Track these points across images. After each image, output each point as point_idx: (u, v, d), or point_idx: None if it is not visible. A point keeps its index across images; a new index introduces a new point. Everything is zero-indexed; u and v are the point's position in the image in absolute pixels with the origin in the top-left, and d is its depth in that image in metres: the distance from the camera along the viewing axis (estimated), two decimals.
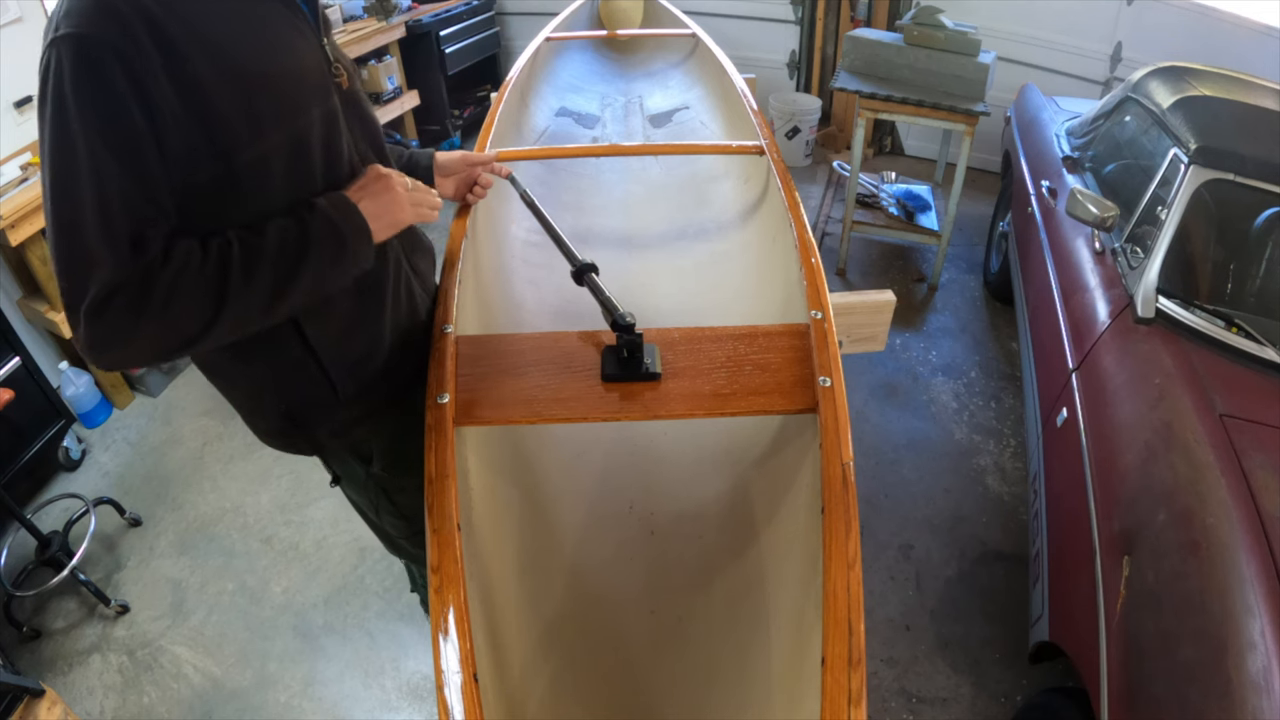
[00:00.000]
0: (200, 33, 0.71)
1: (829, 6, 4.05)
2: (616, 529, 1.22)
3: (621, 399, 1.00)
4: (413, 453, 1.10)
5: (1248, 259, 1.77)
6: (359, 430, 1.07)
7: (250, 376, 0.97)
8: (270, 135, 0.78)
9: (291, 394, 0.98)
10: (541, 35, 2.62)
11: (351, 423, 1.04)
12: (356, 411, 1.03)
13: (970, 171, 3.12)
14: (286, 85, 0.80)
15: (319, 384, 0.97)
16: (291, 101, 0.80)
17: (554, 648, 1.04)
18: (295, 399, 0.99)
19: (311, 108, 0.83)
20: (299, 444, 1.06)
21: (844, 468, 0.91)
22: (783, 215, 1.43)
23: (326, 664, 1.87)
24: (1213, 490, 1.26)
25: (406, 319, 1.06)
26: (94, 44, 0.65)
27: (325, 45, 0.88)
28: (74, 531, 2.16)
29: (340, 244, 0.83)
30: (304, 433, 1.03)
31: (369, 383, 1.02)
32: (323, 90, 0.86)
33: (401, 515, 1.21)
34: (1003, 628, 1.91)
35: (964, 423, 2.56)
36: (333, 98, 0.87)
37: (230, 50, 0.74)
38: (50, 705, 1.49)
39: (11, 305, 2.44)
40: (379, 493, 1.17)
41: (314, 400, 0.99)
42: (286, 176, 0.82)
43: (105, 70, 0.66)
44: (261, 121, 0.77)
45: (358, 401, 1.02)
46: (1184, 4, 3.23)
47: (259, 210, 0.80)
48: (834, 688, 0.73)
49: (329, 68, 0.88)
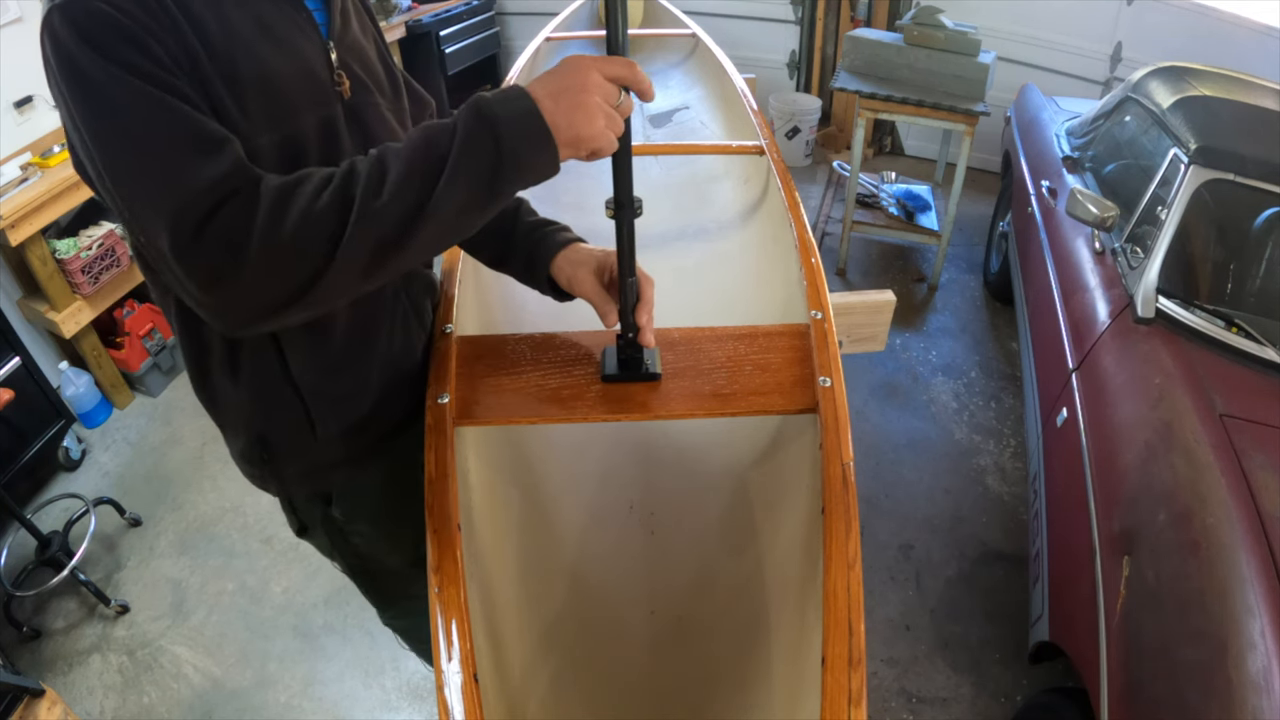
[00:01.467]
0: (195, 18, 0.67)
1: (829, 6, 4.05)
2: (616, 529, 1.22)
3: (621, 399, 1.00)
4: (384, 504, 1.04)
5: (1248, 259, 1.77)
6: (334, 476, 0.97)
7: (232, 396, 0.88)
8: (256, 137, 0.72)
9: (267, 423, 0.90)
10: (541, 35, 2.63)
11: (326, 466, 0.95)
12: (333, 454, 0.94)
13: (970, 171, 3.12)
14: (275, 88, 0.73)
15: (298, 417, 0.89)
16: (280, 106, 0.74)
17: (554, 648, 1.04)
18: (271, 429, 0.90)
19: (303, 115, 0.76)
20: (266, 480, 0.96)
21: (844, 468, 0.91)
22: (783, 215, 1.43)
23: (326, 664, 1.87)
24: (1213, 490, 1.26)
25: (401, 359, 0.97)
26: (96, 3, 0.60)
27: (330, 50, 0.81)
28: (74, 531, 2.16)
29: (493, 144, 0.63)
30: (271, 468, 0.94)
31: (351, 425, 0.93)
32: (319, 98, 0.79)
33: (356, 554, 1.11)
34: (1003, 628, 1.91)
35: (964, 423, 2.56)
36: (333, 106, 0.81)
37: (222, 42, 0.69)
38: (50, 705, 1.49)
39: (11, 305, 2.44)
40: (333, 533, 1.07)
41: (290, 434, 0.90)
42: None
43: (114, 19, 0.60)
44: (249, 121, 0.71)
45: (337, 443, 0.93)
46: (1184, 4, 3.23)
47: None
48: (834, 688, 0.73)
49: (331, 74, 0.81)
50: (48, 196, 2.21)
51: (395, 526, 1.08)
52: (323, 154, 0.80)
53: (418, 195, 0.61)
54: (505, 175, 0.64)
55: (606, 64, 0.67)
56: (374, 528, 1.07)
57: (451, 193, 0.62)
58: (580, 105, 0.65)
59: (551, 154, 0.65)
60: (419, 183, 0.61)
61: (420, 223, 0.62)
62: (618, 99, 0.68)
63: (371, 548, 1.10)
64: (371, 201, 0.61)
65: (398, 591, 1.24)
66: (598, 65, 0.66)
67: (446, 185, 0.61)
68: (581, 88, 0.65)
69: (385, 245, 0.62)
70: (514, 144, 0.63)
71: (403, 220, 0.61)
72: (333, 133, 0.80)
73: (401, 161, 0.62)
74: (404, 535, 1.09)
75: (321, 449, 0.92)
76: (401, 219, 0.61)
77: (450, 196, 0.62)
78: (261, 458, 0.93)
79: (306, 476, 0.96)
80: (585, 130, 0.65)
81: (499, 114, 0.63)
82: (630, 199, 0.89)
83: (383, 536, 1.09)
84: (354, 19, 0.88)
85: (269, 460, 0.93)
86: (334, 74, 0.81)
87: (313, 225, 0.60)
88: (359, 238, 0.60)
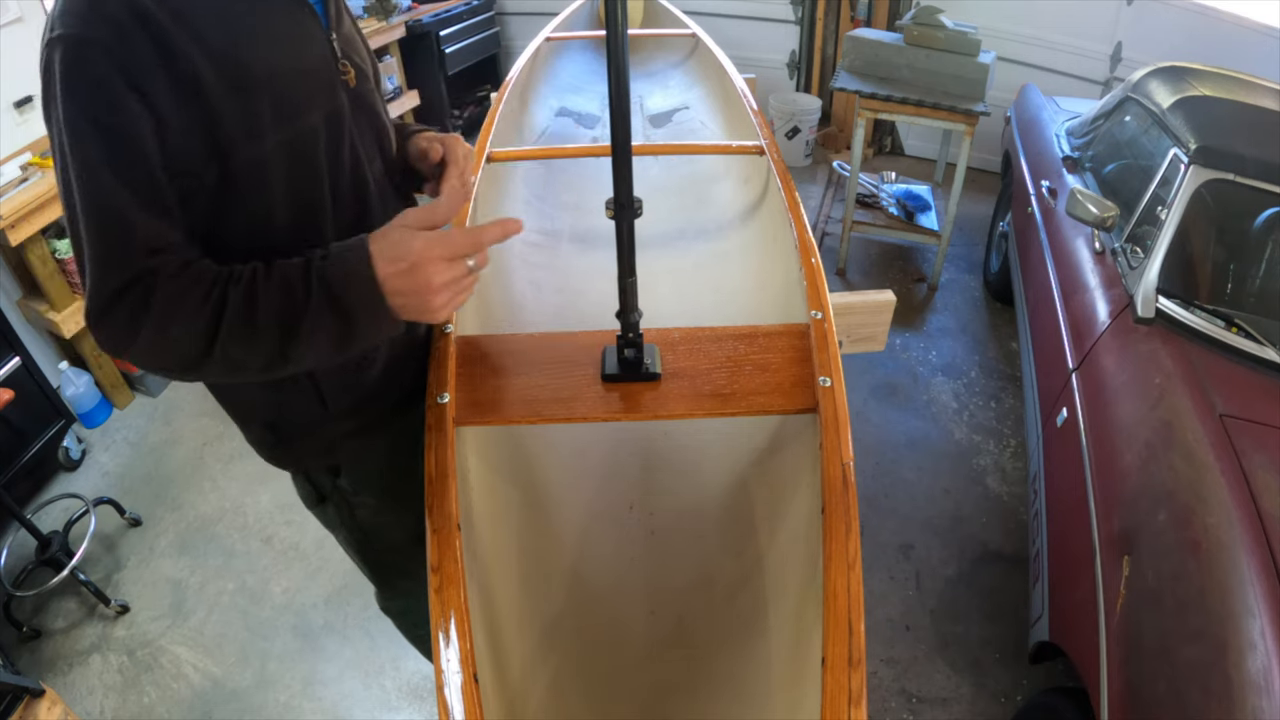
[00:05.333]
0: (196, 29, 0.69)
1: (829, 6, 4.05)
2: (616, 529, 1.22)
3: (621, 399, 1.00)
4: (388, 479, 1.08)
5: (1248, 259, 1.77)
6: (348, 446, 1.01)
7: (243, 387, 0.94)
8: (269, 136, 0.75)
9: (279, 406, 0.94)
10: (541, 35, 2.62)
11: (340, 437, 0.99)
12: (347, 426, 0.98)
13: (970, 171, 3.12)
14: (287, 84, 0.76)
15: (309, 396, 0.93)
16: (292, 102, 0.77)
17: (554, 648, 1.04)
18: (283, 411, 0.95)
19: (314, 108, 0.80)
20: (281, 458, 1.02)
21: (844, 468, 0.91)
22: (783, 215, 1.43)
23: (326, 664, 1.87)
24: (1213, 490, 1.26)
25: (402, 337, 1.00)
26: (87, 45, 0.64)
27: (333, 40, 0.83)
28: (74, 531, 2.16)
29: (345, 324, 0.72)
30: (286, 447, 0.99)
31: (363, 395, 0.97)
32: (328, 89, 0.82)
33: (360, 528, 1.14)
34: (1003, 628, 1.91)
35: (964, 423, 2.56)
36: (339, 96, 0.83)
37: (227, 47, 0.71)
38: (50, 705, 1.49)
39: (11, 305, 2.44)
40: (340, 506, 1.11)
41: (302, 414, 0.95)
42: (286, 180, 0.79)
43: (98, 72, 0.65)
44: (260, 121, 0.74)
45: (350, 415, 0.97)
46: (1184, 4, 3.23)
47: (260, 211, 0.78)
48: (834, 688, 0.73)
49: (336, 64, 0.83)
50: (48, 196, 2.21)
51: (398, 500, 1.12)
52: (330, 145, 0.82)
53: (278, 346, 0.71)
54: (352, 345, 0.74)
55: (450, 246, 0.72)
56: (379, 499, 1.11)
57: (305, 350, 0.72)
58: (422, 291, 0.72)
59: (395, 326, 0.74)
60: (276, 335, 0.70)
61: (280, 366, 0.73)
62: (466, 269, 0.74)
63: (376, 519, 1.13)
64: (237, 339, 0.70)
65: (396, 570, 1.26)
66: (443, 248, 0.72)
67: (301, 344, 0.71)
68: (425, 282, 0.71)
69: (248, 371, 0.74)
70: (361, 325, 0.72)
71: (265, 364, 0.73)
72: (338, 122, 0.83)
73: (261, 311, 0.70)
74: (406, 509, 1.12)
75: (333, 422, 0.97)
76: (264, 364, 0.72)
77: (304, 353, 0.73)
78: (276, 439, 0.98)
79: (319, 450, 1.01)
80: (427, 311, 0.73)
81: (346, 300, 0.70)
82: (630, 199, 0.90)
83: (387, 509, 1.12)
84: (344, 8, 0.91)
85: (281, 441, 0.98)
86: (339, 64, 0.84)
87: (190, 339, 0.70)
88: (224, 362, 0.71)
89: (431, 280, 0.71)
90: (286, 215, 0.80)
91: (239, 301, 0.70)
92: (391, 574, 1.28)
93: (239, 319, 0.70)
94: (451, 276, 0.73)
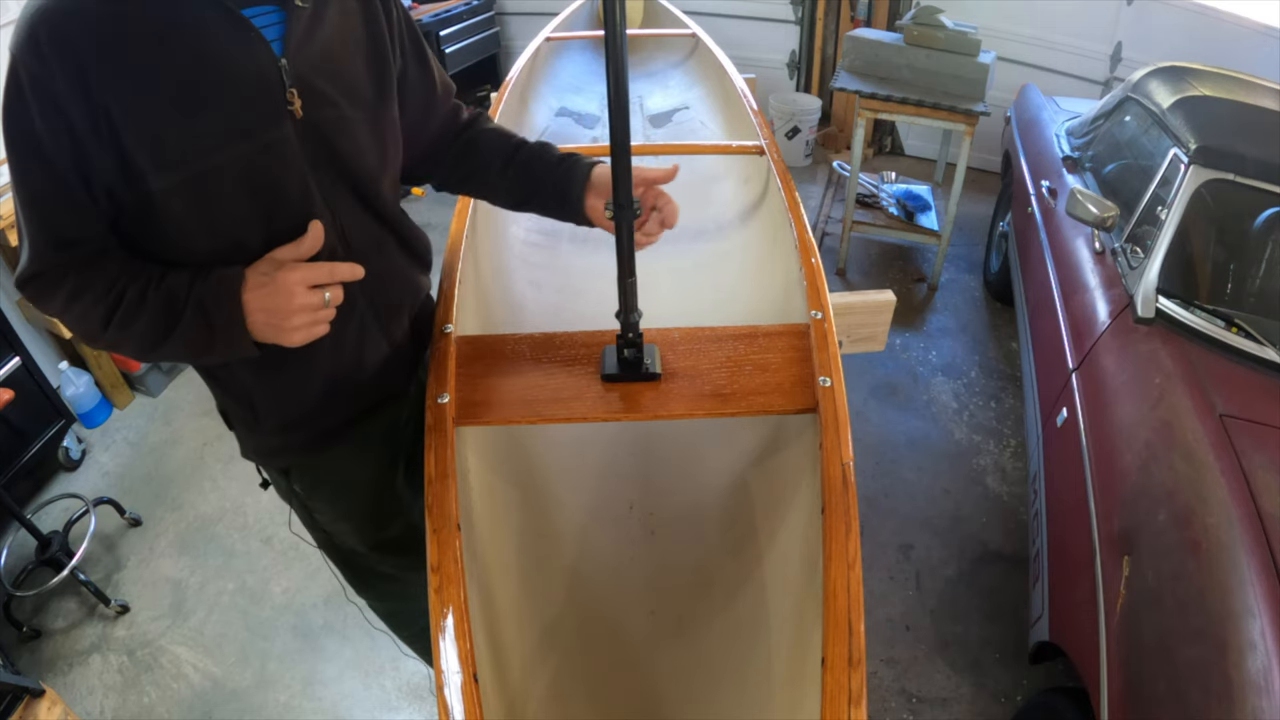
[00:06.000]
0: (113, 58, 0.69)
1: (829, 6, 4.05)
2: (616, 529, 1.22)
3: (621, 399, 1.00)
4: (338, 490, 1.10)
5: (1248, 259, 1.77)
6: (282, 458, 1.04)
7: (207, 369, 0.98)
8: (177, 169, 0.73)
9: (225, 402, 1.00)
10: (541, 35, 2.63)
11: (273, 450, 1.03)
12: (274, 443, 1.01)
13: (970, 171, 3.12)
14: (192, 128, 0.73)
15: (245, 403, 0.96)
16: (211, 134, 0.74)
17: (554, 648, 1.04)
18: (228, 407, 1.01)
19: (237, 141, 0.75)
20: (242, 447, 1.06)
21: (844, 468, 0.91)
22: (783, 215, 1.43)
23: (326, 664, 1.87)
24: (1213, 490, 1.26)
25: (349, 369, 0.97)
26: (19, 65, 0.69)
27: (282, 65, 0.77)
28: (74, 531, 2.16)
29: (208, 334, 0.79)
30: (237, 437, 1.04)
31: (288, 422, 0.98)
32: (265, 117, 0.77)
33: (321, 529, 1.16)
34: (1003, 628, 1.91)
35: (964, 423, 2.56)
36: (280, 127, 0.78)
37: (143, 76, 0.70)
38: (50, 705, 1.49)
39: (11, 305, 2.44)
40: (299, 506, 1.13)
41: (241, 415, 0.99)
42: (199, 214, 0.77)
43: (24, 92, 0.70)
44: (166, 157, 0.73)
45: (277, 433, 0.99)
46: (1184, 4, 3.23)
47: (174, 241, 0.79)
48: (834, 688, 0.74)
49: (282, 93, 0.77)
50: None
51: (350, 511, 1.13)
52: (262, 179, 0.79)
53: (151, 341, 0.81)
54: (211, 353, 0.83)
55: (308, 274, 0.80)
56: (332, 508, 1.12)
57: (171, 350, 0.82)
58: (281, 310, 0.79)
59: (247, 346, 0.82)
60: (152, 335, 0.80)
61: (150, 357, 0.86)
62: (322, 299, 0.81)
63: (332, 526, 1.15)
64: (122, 328, 0.80)
65: (367, 570, 1.27)
66: (301, 275, 0.80)
67: (170, 345, 0.81)
68: (285, 303, 0.79)
69: (126, 353, 0.84)
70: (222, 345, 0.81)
71: (138, 354, 0.84)
72: (278, 154, 0.79)
73: (146, 313, 0.79)
74: (361, 521, 1.15)
75: (264, 436, 1.00)
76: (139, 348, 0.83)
77: (170, 352, 0.83)
78: (228, 425, 1.05)
79: (265, 450, 1.04)
80: (282, 331, 0.80)
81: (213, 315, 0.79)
82: (630, 199, 0.90)
83: (340, 517, 1.14)
84: (336, 22, 0.84)
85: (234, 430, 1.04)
86: (285, 92, 0.78)
87: (86, 321, 0.81)
88: (110, 344, 0.83)
89: (291, 301, 0.78)
90: (207, 244, 0.80)
91: (133, 299, 0.78)
92: (363, 573, 1.29)
93: (128, 314, 0.78)
94: (308, 302, 0.79)
